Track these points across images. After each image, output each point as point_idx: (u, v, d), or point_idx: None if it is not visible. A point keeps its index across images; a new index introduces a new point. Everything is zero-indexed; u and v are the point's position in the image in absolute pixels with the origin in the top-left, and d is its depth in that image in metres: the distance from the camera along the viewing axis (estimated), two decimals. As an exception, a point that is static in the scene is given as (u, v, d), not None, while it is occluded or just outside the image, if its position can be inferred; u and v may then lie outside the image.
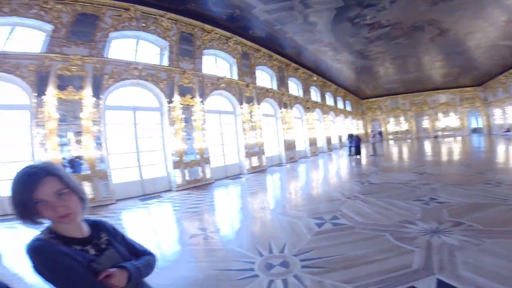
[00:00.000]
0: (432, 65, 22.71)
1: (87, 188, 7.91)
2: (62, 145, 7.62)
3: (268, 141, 15.42)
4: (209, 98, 11.61)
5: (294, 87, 19.16)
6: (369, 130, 33.87)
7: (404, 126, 34.33)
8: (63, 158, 7.56)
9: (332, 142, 23.84)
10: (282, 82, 16.77)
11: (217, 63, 12.87)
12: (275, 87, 16.12)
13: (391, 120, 35.17)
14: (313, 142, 19.59)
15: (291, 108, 17.15)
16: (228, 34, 12.59)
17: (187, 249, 4.43)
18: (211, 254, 4.10)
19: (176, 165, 9.87)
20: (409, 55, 19.43)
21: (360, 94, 34.23)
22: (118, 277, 1.10)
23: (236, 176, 12.03)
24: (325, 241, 4.18)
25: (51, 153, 7.38)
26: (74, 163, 7.79)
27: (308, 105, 19.57)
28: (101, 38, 8.78)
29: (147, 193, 9.20)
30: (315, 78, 21.63)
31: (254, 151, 13.32)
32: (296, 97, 18.20)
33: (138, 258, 1.27)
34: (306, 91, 20.01)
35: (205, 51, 11.82)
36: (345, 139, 25.21)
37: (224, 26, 12.15)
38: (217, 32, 12.04)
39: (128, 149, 9.47)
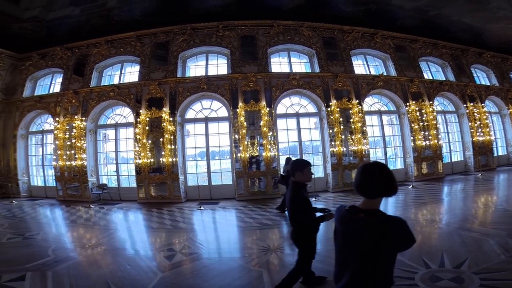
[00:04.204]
0: None
1: (261, 184, 9.70)
2: (249, 147, 9.72)
3: (447, 143, 12.73)
4: (366, 98, 11.22)
5: (482, 76, 14.73)
6: None
7: None
8: (249, 157, 9.62)
9: None
10: (461, 71, 13.38)
11: (367, 62, 12.22)
12: (451, 78, 13.10)
13: None
14: (523, 145, 14.15)
15: (482, 101, 13.27)
16: (371, 30, 11.77)
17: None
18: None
19: (334, 167, 10.14)
20: None
21: None
22: None
23: (400, 183, 10.70)
24: (529, 267, 3.16)
25: (243, 154, 9.60)
26: (257, 162, 9.76)
27: (510, 96, 14.43)
28: (263, 55, 10.70)
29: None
30: (515, 61, 15.64)
31: (426, 155, 11.38)
32: (487, 87, 13.91)
33: None
34: (505, 78, 14.83)
35: (352, 51, 11.61)
36: None
37: (364, 23, 11.45)
38: (358, 30, 11.55)
39: (292, 151, 10.81)
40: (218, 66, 11.09)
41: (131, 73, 11.24)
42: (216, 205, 8.75)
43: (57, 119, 10.68)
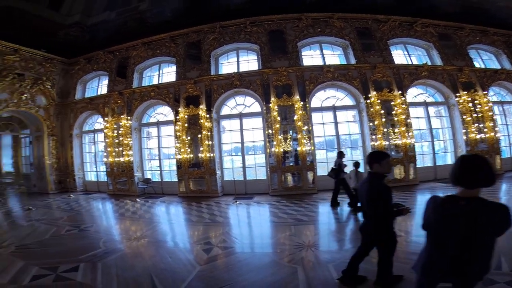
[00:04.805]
0: None
1: (296, 179, 9.56)
2: (282, 142, 9.67)
3: (507, 136, 11.42)
4: (410, 89, 10.47)
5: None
6: None
7: None
8: (283, 152, 9.57)
9: None
10: (517, 59, 11.88)
11: (408, 52, 11.42)
12: (508, 66, 11.66)
13: None
14: None
15: (550, 89, 11.61)
16: (408, 18, 10.98)
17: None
18: (409, 257, 3.71)
19: (375, 162, 9.61)
20: None
21: None
22: None
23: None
24: None
25: (276, 148, 9.61)
26: (295, 156, 9.63)
27: None
28: (293, 49, 10.47)
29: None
30: None
31: (481, 149, 10.29)
32: (554, 75, 12.15)
33: None
34: None
35: (390, 41, 10.91)
36: None
37: (399, 11, 10.71)
38: (394, 19, 10.86)
39: (328, 145, 10.55)
40: (249, 62, 11.12)
41: (168, 73, 11.76)
42: (250, 200, 8.86)
43: (106, 119, 11.61)
